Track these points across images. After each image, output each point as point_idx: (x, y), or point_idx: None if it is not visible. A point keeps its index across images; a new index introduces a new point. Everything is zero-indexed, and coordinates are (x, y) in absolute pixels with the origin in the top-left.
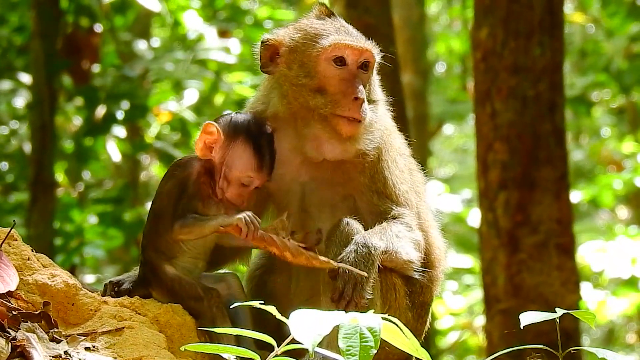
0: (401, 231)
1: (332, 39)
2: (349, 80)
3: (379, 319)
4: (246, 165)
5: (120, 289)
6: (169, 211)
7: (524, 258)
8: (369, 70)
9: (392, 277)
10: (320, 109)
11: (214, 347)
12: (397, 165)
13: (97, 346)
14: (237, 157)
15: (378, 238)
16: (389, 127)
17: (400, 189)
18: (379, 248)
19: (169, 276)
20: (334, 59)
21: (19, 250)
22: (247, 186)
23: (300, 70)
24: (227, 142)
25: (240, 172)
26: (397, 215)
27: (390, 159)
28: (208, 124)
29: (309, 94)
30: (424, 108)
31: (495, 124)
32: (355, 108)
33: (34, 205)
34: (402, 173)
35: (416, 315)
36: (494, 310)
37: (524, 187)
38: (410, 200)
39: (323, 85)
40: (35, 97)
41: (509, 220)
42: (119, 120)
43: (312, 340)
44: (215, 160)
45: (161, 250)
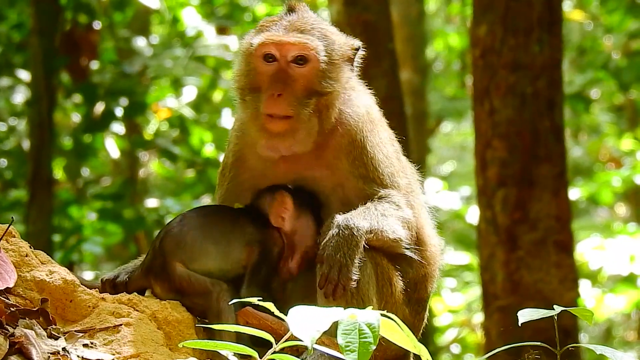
0: (387, 209)
1: (262, 36)
2: (274, 76)
3: (378, 315)
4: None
5: (116, 281)
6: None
7: (522, 255)
8: (309, 64)
9: (389, 271)
10: (251, 108)
11: (212, 344)
12: (381, 150)
13: (95, 343)
14: (307, 227)
15: (361, 218)
16: (368, 115)
17: (384, 172)
18: (362, 228)
19: (178, 274)
20: (263, 56)
21: (17, 246)
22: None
23: (244, 69)
24: (297, 213)
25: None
26: (384, 195)
27: (370, 144)
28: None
29: (245, 93)
30: (423, 105)
31: (494, 121)
32: (271, 103)
33: (32, 202)
34: (388, 159)
35: (413, 311)
36: (492, 308)
37: (522, 185)
38: (398, 182)
39: (257, 83)
40: (33, 94)
41: (508, 217)
42: (118, 117)
43: (311, 337)
44: (287, 230)
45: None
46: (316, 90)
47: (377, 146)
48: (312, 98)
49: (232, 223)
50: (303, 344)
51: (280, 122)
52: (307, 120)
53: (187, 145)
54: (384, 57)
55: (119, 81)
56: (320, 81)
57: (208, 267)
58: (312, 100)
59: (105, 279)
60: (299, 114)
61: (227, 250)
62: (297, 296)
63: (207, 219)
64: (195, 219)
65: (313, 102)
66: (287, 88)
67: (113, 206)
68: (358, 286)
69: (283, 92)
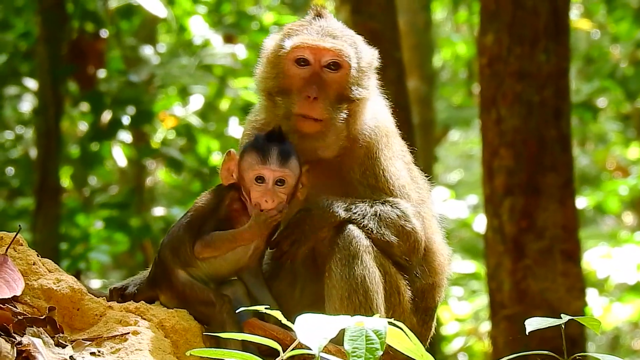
0: (385, 212)
1: (296, 40)
2: (308, 79)
3: (385, 322)
4: (251, 163)
5: (125, 293)
6: (197, 225)
7: (529, 264)
8: (341, 70)
9: (397, 280)
10: (282, 109)
11: (219, 353)
12: (393, 163)
13: (103, 351)
14: (243, 162)
15: (343, 209)
16: (384, 126)
17: (395, 183)
18: (338, 215)
19: (181, 281)
20: (296, 60)
21: (24, 255)
22: (265, 184)
23: (271, 72)
24: (240, 157)
25: (249, 173)
26: (390, 201)
27: (384, 156)
28: (228, 152)
29: (274, 95)
30: (430, 114)
31: (501, 129)
32: (306, 106)
33: (39, 211)
34: (399, 171)
35: (421, 320)
36: (499, 316)
37: (529, 193)
38: (409, 194)
39: (287, 85)
40: (40, 102)
41: (514, 226)
42: (125, 125)
43: (318, 344)
44: (237, 180)
45: (179, 256)
46: (347, 97)
47: (389, 159)
48: (343, 104)
49: (203, 217)
50: (310, 352)
51: (314, 123)
52: (337, 125)
53: (194, 154)
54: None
55: (126, 90)
56: (351, 87)
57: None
58: (343, 106)
59: (113, 288)
60: (330, 119)
61: None
62: (305, 302)
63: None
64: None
65: (344, 108)
66: (322, 92)
67: (120, 215)
68: (366, 295)
69: (319, 96)
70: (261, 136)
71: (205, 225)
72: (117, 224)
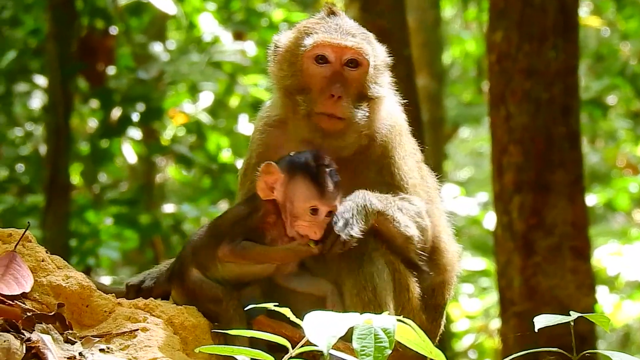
0: (405, 207)
1: (315, 38)
2: (329, 78)
3: (394, 320)
4: (308, 195)
5: (142, 287)
6: (226, 232)
7: (538, 261)
8: (360, 68)
9: (406, 277)
10: (302, 107)
11: (228, 349)
12: (406, 162)
13: (112, 348)
14: (298, 189)
15: (377, 199)
16: (398, 125)
17: (408, 182)
18: (376, 206)
19: (192, 279)
20: (316, 57)
21: (33, 251)
22: (317, 216)
23: (289, 69)
24: (287, 178)
25: (304, 203)
26: (406, 197)
27: (398, 155)
28: (267, 164)
29: (293, 93)
30: (440, 111)
31: (510, 127)
32: (330, 105)
33: (49, 208)
34: (412, 171)
35: (430, 317)
36: (509, 313)
37: (538, 191)
38: (420, 193)
39: (307, 83)
40: (50, 99)
41: (524, 223)
42: (135, 122)
43: (327, 342)
44: (278, 199)
45: (198, 257)
46: (366, 95)
47: (403, 158)
48: (363, 102)
49: (233, 223)
50: (319, 350)
51: (337, 122)
52: (358, 124)
53: (204, 151)
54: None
55: (135, 87)
56: (370, 85)
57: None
58: (363, 104)
59: (130, 284)
60: (352, 117)
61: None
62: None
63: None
64: (211, 225)
65: (363, 106)
66: (345, 91)
67: (129, 211)
68: (375, 292)
69: (343, 94)
70: (311, 161)
71: (234, 231)
72: (126, 220)
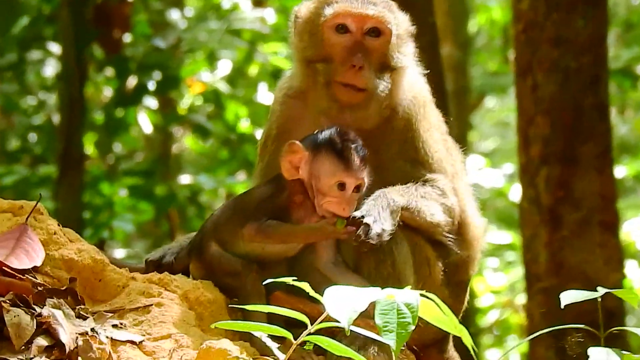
0: (428, 192)
1: (335, 7)
2: (349, 47)
3: (417, 295)
4: (333, 169)
5: (162, 262)
6: (250, 212)
7: (565, 235)
8: (382, 37)
9: (426, 251)
10: (322, 77)
11: (245, 325)
12: (431, 135)
13: (125, 323)
14: (323, 165)
15: (398, 194)
16: (421, 96)
17: (433, 157)
18: (399, 202)
19: (211, 252)
20: (336, 27)
21: (45, 224)
22: (345, 191)
23: (309, 40)
24: (312, 156)
25: (330, 179)
26: (429, 179)
27: (423, 128)
28: (291, 143)
29: (314, 64)
30: (464, 81)
31: (537, 97)
32: (351, 75)
33: (62, 178)
34: (436, 143)
35: (453, 293)
36: (535, 289)
37: (565, 162)
38: (445, 168)
39: (327, 53)
40: (64, 68)
41: (551, 196)
42: (151, 91)
43: (348, 317)
44: (304, 178)
45: (218, 233)
46: (388, 65)
47: (428, 131)
48: (385, 73)
49: (258, 203)
50: (339, 325)
51: (357, 93)
52: (380, 95)
53: (222, 121)
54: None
55: (152, 55)
56: (392, 55)
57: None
58: (385, 74)
59: (150, 260)
60: (373, 88)
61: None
62: None
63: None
64: (235, 201)
65: (386, 76)
66: (366, 61)
67: (145, 183)
68: (394, 266)
69: (364, 64)
70: (335, 136)
71: (259, 211)
72: (141, 192)
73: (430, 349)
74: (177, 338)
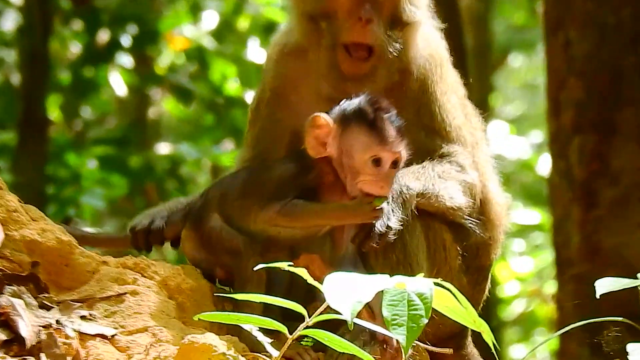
0: (446, 171)
1: None
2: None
3: (430, 284)
4: (367, 143)
5: (151, 228)
6: (268, 190)
7: (601, 214)
8: None
9: (442, 233)
10: (325, 39)
11: (233, 317)
12: (449, 99)
13: (95, 314)
14: (354, 139)
15: (413, 178)
16: (438, 55)
17: (451, 124)
18: (413, 189)
19: (211, 224)
20: None
21: (3, 200)
22: (381, 167)
23: None
24: (340, 129)
25: (363, 154)
26: (447, 153)
27: (440, 91)
28: (315, 117)
29: (315, 20)
30: (486, 36)
31: (569, 56)
32: (358, 31)
33: (22, 147)
34: (455, 109)
35: (472, 281)
36: (566, 276)
37: (602, 131)
38: (465, 137)
39: (331, 7)
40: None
41: (585, 169)
42: (125, 47)
43: (351, 309)
44: (332, 155)
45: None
46: (400, 19)
47: (445, 94)
48: (396, 28)
49: (279, 184)
50: (341, 318)
51: (363, 63)
52: (390, 53)
53: (207, 82)
54: None
55: (126, 5)
56: (405, 7)
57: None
58: (396, 30)
59: (138, 229)
60: (383, 46)
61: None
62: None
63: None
64: (249, 172)
65: (397, 33)
66: (375, 14)
67: (117, 153)
68: (405, 251)
69: (373, 17)
70: (366, 105)
71: (280, 191)
72: (113, 163)
73: (445, 345)
74: (154, 331)
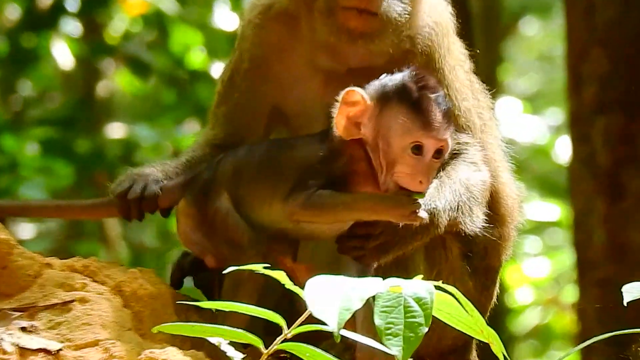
0: (470, 178)
1: None
2: None
3: (430, 287)
4: (408, 126)
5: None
6: (288, 175)
7: (629, 208)
8: None
9: None
10: (321, 1)
11: (198, 329)
12: (457, 76)
13: (37, 326)
14: (394, 121)
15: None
16: (444, 25)
17: (460, 107)
18: (442, 213)
19: (218, 204)
20: None
21: None
22: (422, 156)
23: None
24: (378, 108)
25: (403, 139)
26: (457, 148)
27: (448, 67)
28: (349, 91)
29: None
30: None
31: (592, 24)
32: None
33: None
34: (464, 88)
35: (479, 284)
36: (588, 280)
37: (630, 110)
38: (474, 121)
39: None
40: None
41: (610, 155)
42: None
43: (338, 319)
44: (367, 138)
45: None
46: None
47: (453, 69)
48: None
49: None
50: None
51: (370, 18)
52: (394, 22)
53: (167, 52)
54: None
55: None
56: None
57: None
58: None
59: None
60: (386, 14)
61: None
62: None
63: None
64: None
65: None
66: None
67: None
68: None
69: None
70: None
71: (304, 179)
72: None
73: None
74: (106, 346)
